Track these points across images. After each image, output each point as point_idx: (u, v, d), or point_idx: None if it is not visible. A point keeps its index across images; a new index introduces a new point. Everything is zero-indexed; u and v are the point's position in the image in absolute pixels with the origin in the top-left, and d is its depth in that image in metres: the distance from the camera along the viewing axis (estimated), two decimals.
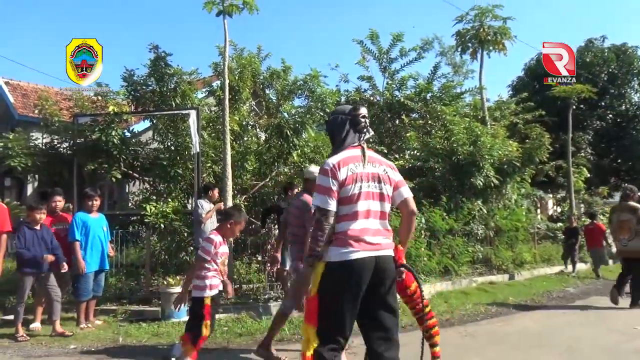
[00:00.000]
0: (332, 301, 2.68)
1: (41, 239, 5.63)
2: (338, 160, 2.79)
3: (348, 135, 2.91)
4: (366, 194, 2.78)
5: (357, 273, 2.67)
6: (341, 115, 2.97)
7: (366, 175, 2.80)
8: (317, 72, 10.55)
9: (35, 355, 5.02)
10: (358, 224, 2.72)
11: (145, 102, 8.77)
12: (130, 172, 8.83)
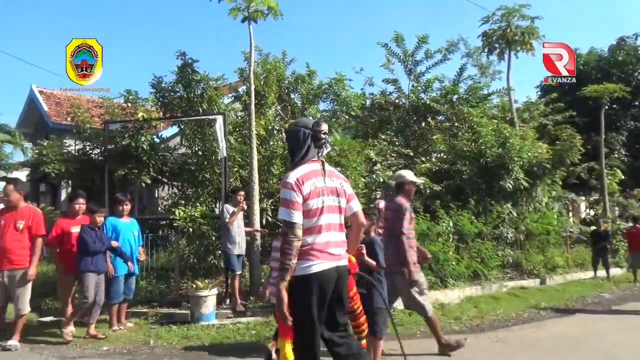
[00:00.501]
0: (304, 313, 2.74)
1: (100, 239, 5.78)
2: (301, 174, 2.84)
3: (309, 150, 2.95)
4: (327, 208, 2.86)
5: (324, 284, 2.77)
6: (304, 129, 2.99)
7: (327, 189, 2.89)
8: (342, 76, 10.55)
9: (70, 356, 5.14)
10: (322, 237, 2.81)
11: (173, 108, 8.92)
12: (160, 177, 8.98)
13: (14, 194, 5.45)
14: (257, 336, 5.88)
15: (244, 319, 6.62)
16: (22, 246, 5.39)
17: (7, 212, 5.47)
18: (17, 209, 5.45)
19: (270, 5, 8.07)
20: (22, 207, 5.51)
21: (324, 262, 2.79)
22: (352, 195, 3.06)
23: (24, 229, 5.40)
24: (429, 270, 8.33)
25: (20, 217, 5.42)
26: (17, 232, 5.36)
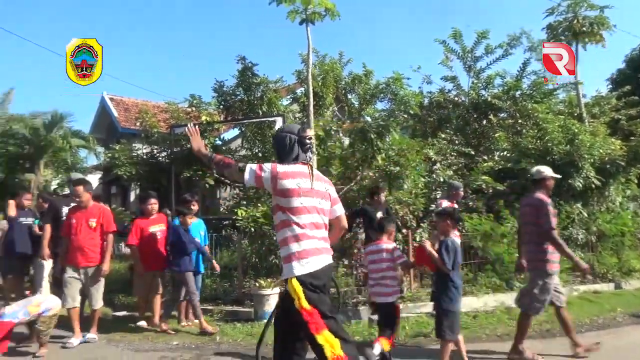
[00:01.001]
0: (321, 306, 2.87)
1: (190, 240, 6.09)
2: (284, 170, 2.98)
3: (299, 154, 3.09)
4: (313, 209, 2.99)
5: (323, 277, 2.96)
6: (290, 135, 3.11)
7: (315, 192, 3.01)
8: (400, 75, 10.45)
9: (142, 349, 5.40)
10: (310, 236, 2.95)
11: (235, 111, 9.18)
12: (222, 178, 9.25)
13: (84, 194, 5.74)
14: None
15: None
16: (95, 243, 5.67)
17: (77, 212, 5.76)
18: (87, 208, 5.75)
19: (327, 7, 8.13)
20: (91, 206, 5.79)
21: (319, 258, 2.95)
22: (336, 199, 3.22)
23: (97, 226, 5.69)
24: (493, 272, 8.08)
25: (91, 215, 5.71)
26: (90, 230, 5.64)
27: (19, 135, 13.96)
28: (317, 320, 2.84)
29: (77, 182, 5.99)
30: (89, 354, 5.17)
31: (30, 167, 14.25)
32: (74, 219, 5.70)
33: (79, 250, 5.62)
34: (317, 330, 2.83)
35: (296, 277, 2.87)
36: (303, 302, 2.84)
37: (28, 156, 14.21)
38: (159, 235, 6.38)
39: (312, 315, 2.83)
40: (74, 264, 5.63)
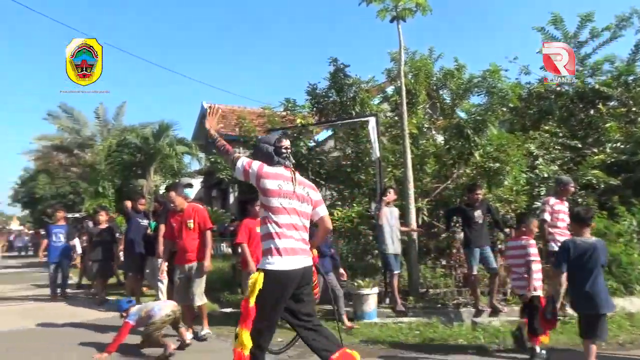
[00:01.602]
0: (267, 306, 3.03)
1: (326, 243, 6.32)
2: (268, 171, 3.20)
3: (278, 161, 3.30)
4: (293, 210, 3.17)
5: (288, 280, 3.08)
6: (266, 145, 3.34)
7: (296, 195, 3.21)
8: (497, 67, 9.96)
9: None
10: (287, 235, 3.11)
11: (328, 112, 9.32)
12: (317, 179, 9.42)
13: (177, 198, 6.04)
14: (420, 337, 5.83)
15: (406, 319, 6.62)
16: (196, 242, 5.94)
17: (176, 215, 6.08)
18: (182, 211, 6.05)
19: (418, 2, 7.97)
20: (186, 207, 6.06)
21: (290, 260, 3.09)
22: (318, 201, 3.41)
23: (195, 226, 5.95)
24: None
25: (187, 216, 5.97)
26: (190, 231, 5.92)
27: (131, 145, 15.28)
28: (248, 319, 3.02)
29: (168, 188, 6.37)
30: (201, 348, 5.51)
31: (141, 173, 15.56)
32: (174, 222, 6.08)
33: (182, 251, 5.96)
34: (243, 325, 3.03)
35: (265, 271, 3.06)
36: (252, 297, 3.01)
37: (140, 163, 15.51)
38: None
39: (249, 312, 3.02)
40: (180, 264, 6.00)
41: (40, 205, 38.31)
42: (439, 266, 8.33)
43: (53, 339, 6.05)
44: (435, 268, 8.26)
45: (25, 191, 39.42)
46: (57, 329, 6.62)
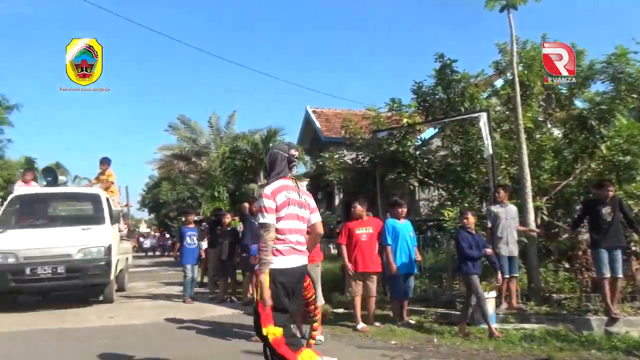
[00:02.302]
0: (280, 298, 3.38)
1: (477, 245, 6.15)
2: (274, 188, 3.49)
3: (284, 169, 3.61)
4: (295, 216, 3.53)
5: (292, 276, 3.48)
6: (281, 153, 3.66)
7: (297, 202, 3.55)
8: (624, 49, 9.00)
9: (364, 346, 5.67)
10: (289, 238, 3.48)
11: (435, 110, 9.08)
12: (425, 179, 9.23)
13: None
14: (546, 345, 5.42)
15: (528, 325, 6.22)
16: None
17: None
18: None
19: None
20: None
21: (291, 258, 3.48)
22: (314, 209, 3.72)
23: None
24: None
25: None
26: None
27: (242, 151, 16.17)
28: (268, 317, 3.32)
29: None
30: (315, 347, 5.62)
31: (252, 177, 16.38)
32: None
33: None
34: (264, 324, 3.32)
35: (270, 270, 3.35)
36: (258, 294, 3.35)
37: (250, 168, 16.35)
38: (364, 238, 6.62)
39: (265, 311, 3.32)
40: None
41: (163, 209, 42.04)
42: (561, 269, 7.72)
43: (179, 333, 6.57)
44: (558, 271, 7.67)
45: (151, 197, 43.46)
46: (183, 323, 7.17)
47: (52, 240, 8.25)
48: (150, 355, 5.37)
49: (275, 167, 3.65)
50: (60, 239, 8.29)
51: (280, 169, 3.64)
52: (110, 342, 6.02)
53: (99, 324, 7.19)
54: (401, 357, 5.11)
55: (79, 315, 7.80)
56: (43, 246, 8.13)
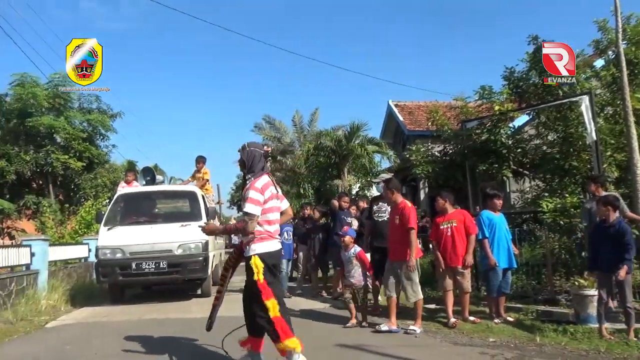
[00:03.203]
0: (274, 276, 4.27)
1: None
2: (263, 184, 4.14)
3: (265, 165, 4.29)
4: (276, 208, 4.27)
5: (277, 257, 4.33)
6: (258, 150, 4.32)
7: (275, 195, 4.25)
8: None
9: (460, 343, 5.47)
10: (273, 227, 4.23)
11: (529, 96, 8.58)
12: (520, 169, 8.75)
13: (387, 191, 6.21)
14: None
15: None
16: (401, 240, 5.93)
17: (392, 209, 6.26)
18: (395, 206, 6.15)
19: None
20: (397, 203, 6.13)
21: (275, 242, 4.24)
22: (282, 196, 4.49)
23: (400, 223, 5.97)
24: None
25: (395, 213, 6.10)
26: (397, 226, 6.01)
27: (326, 148, 16.31)
28: (267, 289, 4.05)
29: (384, 181, 6.60)
30: (410, 343, 5.53)
31: (336, 174, 16.48)
32: (387, 216, 6.26)
33: (391, 245, 6.13)
34: (267, 297, 4.04)
35: (258, 254, 4.08)
36: (260, 275, 4.03)
37: (334, 165, 16.46)
38: (448, 232, 6.36)
39: (265, 287, 4.05)
40: (389, 258, 6.19)
41: None
42: None
43: None
44: None
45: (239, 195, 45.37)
46: None
47: (154, 237, 8.72)
48: None
49: (257, 164, 4.26)
50: (161, 235, 8.76)
51: (262, 165, 4.27)
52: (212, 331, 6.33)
53: (200, 315, 7.57)
54: (502, 356, 4.87)
55: (181, 308, 8.27)
56: (146, 242, 8.64)
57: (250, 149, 4.32)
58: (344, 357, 4.97)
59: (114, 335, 6.14)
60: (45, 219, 14.64)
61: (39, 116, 16.66)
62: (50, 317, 7.77)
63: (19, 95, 16.56)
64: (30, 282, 8.87)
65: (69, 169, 17.19)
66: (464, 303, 6.44)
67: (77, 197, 18.10)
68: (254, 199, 4.03)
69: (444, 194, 6.62)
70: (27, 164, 16.67)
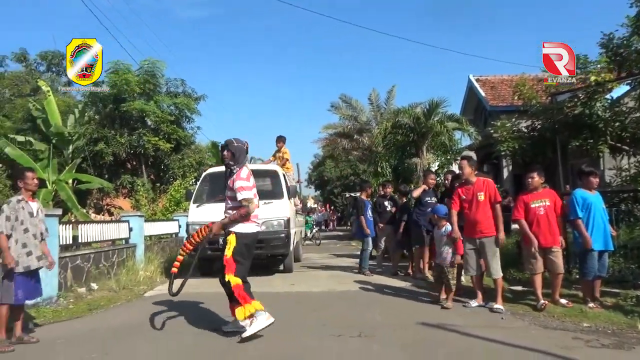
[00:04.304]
0: (244, 255, 4.83)
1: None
2: (246, 174, 4.84)
3: (246, 158, 5.12)
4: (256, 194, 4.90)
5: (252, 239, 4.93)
6: (244, 146, 4.99)
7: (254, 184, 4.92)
8: None
9: (550, 327, 5.22)
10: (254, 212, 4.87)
11: (630, 64, 7.85)
12: (618, 144, 8.09)
13: (466, 168, 6.07)
14: None
15: None
16: (487, 216, 5.91)
17: (465, 187, 6.12)
18: (473, 183, 6.02)
19: None
20: (476, 180, 6.05)
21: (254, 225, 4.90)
22: None
23: (485, 199, 5.90)
24: None
25: (478, 189, 5.96)
26: (480, 203, 5.91)
27: (404, 126, 15.98)
28: (231, 265, 4.69)
29: (462, 157, 6.42)
30: (496, 324, 5.38)
31: (415, 152, 16.13)
32: (464, 195, 6.07)
33: (473, 223, 5.98)
34: (228, 272, 4.68)
35: (236, 233, 4.75)
36: (229, 251, 4.71)
37: (412, 143, 16.09)
38: (541, 211, 6.02)
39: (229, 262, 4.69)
40: (469, 236, 6.05)
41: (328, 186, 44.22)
42: None
43: (354, 302, 6.86)
44: None
45: (316, 174, 46.00)
46: (358, 293, 7.47)
47: None
48: (328, 317, 5.77)
49: (243, 156, 4.96)
50: None
51: (245, 158, 5.01)
52: (293, 305, 6.59)
53: (283, 290, 7.87)
54: (597, 342, 4.60)
55: (265, 283, 8.60)
56: None
57: (238, 144, 4.95)
58: (428, 336, 4.92)
59: (204, 305, 6.53)
60: (140, 197, 15.74)
61: (132, 101, 17.78)
62: (147, 287, 8.42)
63: (113, 82, 17.76)
64: (130, 255, 9.64)
65: (159, 150, 18.27)
66: (556, 285, 6.14)
67: (166, 177, 19.23)
68: (244, 186, 4.73)
69: (539, 170, 6.26)
70: (122, 146, 17.92)
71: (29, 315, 5.77)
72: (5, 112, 20.58)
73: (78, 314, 6.43)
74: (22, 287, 4.81)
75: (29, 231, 4.90)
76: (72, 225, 8.29)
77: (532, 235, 5.99)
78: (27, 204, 4.97)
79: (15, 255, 4.76)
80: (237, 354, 4.47)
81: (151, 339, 4.90)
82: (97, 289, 7.96)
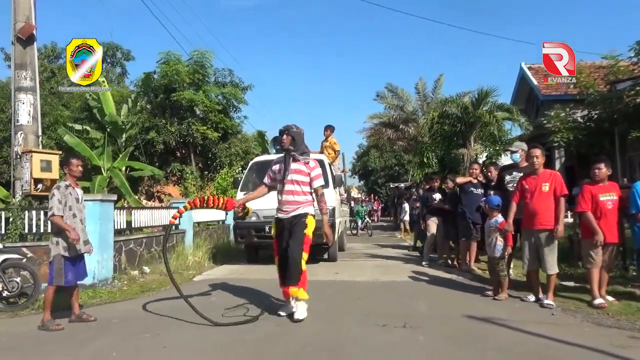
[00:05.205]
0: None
1: None
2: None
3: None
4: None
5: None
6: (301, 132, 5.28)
7: None
8: None
9: (605, 324, 5.02)
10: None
11: None
12: None
13: (541, 157, 5.82)
14: None
15: None
16: (549, 207, 5.67)
17: (529, 177, 5.88)
18: (539, 174, 5.80)
19: None
20: (543, 171, 5.81)
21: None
22: None
23: (549, 191, 5.67)
24: None
25: (543, 180, 5.73)
26: (543, 194, 5.69)
27: (452, 115, 15.64)
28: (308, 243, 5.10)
29: (533, 146, 6.16)
30: (546, 320, 5.22)
31: (462, 143, 15.78)
32: (526, 185, 5.87)
33: (532, 214, 5.77)
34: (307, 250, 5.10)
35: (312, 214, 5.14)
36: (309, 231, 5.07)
37: (460, 133, 15.74)
38: (609, 205, 5.74)
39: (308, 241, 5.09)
40: (528, 228, 5.85)
41: (372, 176, 44.03)
42: None
43: (398, 292, 6.85)
44: None
45: (360, 165, 45.88)
46: (401, 283, 7.45)
47: None
48: (372, 306, 5.77)
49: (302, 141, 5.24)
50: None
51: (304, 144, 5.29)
52: (337, 294, 6.64)
53: (327, 278, 7.94)
54: None
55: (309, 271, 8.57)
56: None
57: (297, 130, 5.16)
58: (475, 329, 4.84)
59: (251, 290, 6.68)
60: (188, 184, 16.21)
61: (182, 91, 18.25)
62: (196, 272, 8.69)
63: (164, 72, 18.28)
64: (179, 240, 9.97)
65: (207, 139, 18.70)
66: (604, 281, 5.89)
67: (214, 165, 19.68)
68: (321, 174, 5.25)
69: (607, 162, 5.93)
70: (172, 135, 18.45)
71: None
72: (64, 101, 21.58)
73: (131, 295, 6.74)
74: (71, 269, 5.07)
75: (76, 216, 5.15)
76: (126, 210, 8.64)
77: (598, 229, 5.66)
78: (73, 189, 5.21)
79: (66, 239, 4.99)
80: (285, 338, 4.55)
81: (200, 322, 5.06)
82: (149, 272, 8.30)
